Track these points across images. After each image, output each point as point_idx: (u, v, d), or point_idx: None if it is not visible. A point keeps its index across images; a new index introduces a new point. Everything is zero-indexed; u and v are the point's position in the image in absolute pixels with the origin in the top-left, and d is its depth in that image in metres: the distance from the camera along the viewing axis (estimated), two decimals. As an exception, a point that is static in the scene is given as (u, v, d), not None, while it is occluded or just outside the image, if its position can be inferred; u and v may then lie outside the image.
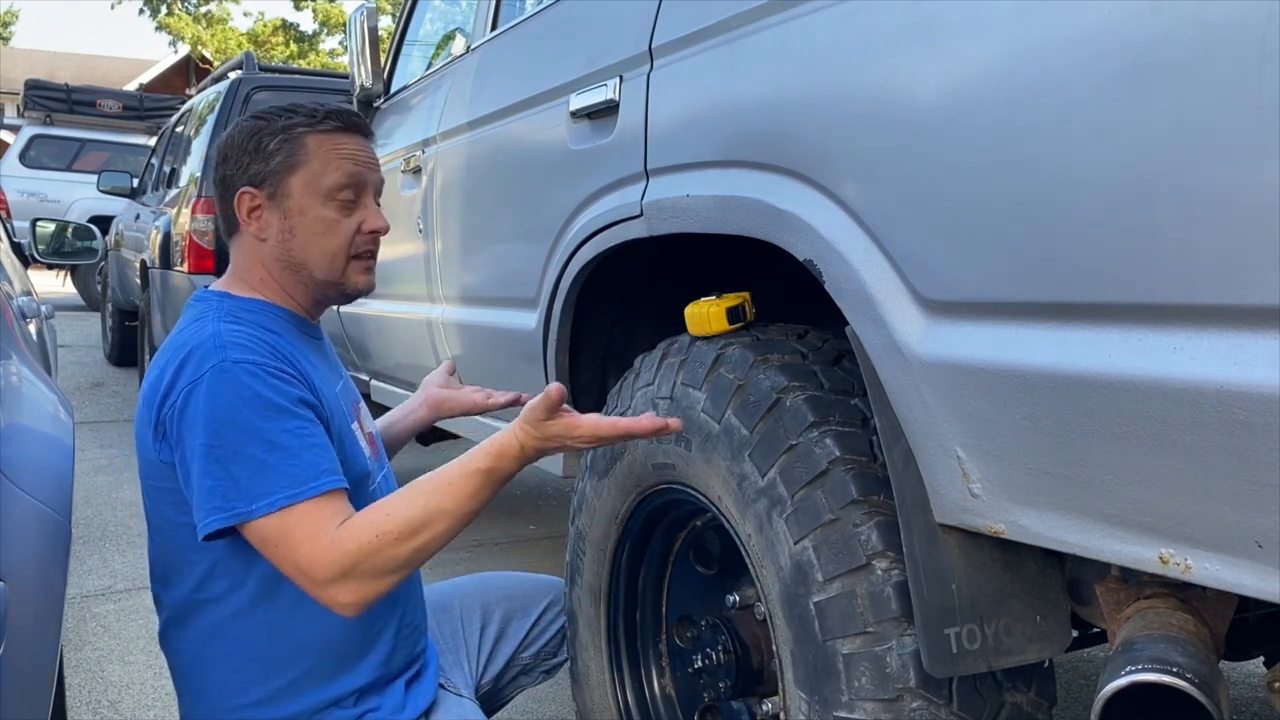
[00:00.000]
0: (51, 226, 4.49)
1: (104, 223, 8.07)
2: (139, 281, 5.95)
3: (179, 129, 6.46)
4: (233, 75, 5.55)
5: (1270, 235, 0.77)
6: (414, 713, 1.50)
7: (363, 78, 3.17)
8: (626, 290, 1.94)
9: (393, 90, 3.25)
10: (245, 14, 54.75)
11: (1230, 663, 1.57)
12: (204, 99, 6.01)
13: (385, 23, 20.46)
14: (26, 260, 4.14)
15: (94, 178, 8.75)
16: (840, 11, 1.19)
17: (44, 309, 3.13)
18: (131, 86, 18.34)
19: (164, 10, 26.80)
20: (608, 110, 1.72)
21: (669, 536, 1.69)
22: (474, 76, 2.45)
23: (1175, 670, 0.97)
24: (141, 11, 26.97)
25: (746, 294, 1.50)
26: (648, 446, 1.54)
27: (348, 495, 1.34)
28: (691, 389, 1.43)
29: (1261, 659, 1.43)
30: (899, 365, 1.12)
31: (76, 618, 2.92)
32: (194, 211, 4.90)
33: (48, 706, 1.11)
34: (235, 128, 1.48)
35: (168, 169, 6.38)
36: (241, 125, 1.47)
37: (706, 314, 1.48)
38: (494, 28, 2.43)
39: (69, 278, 11.37)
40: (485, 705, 1.71)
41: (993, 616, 1.15)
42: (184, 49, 25.15)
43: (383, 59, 3.34)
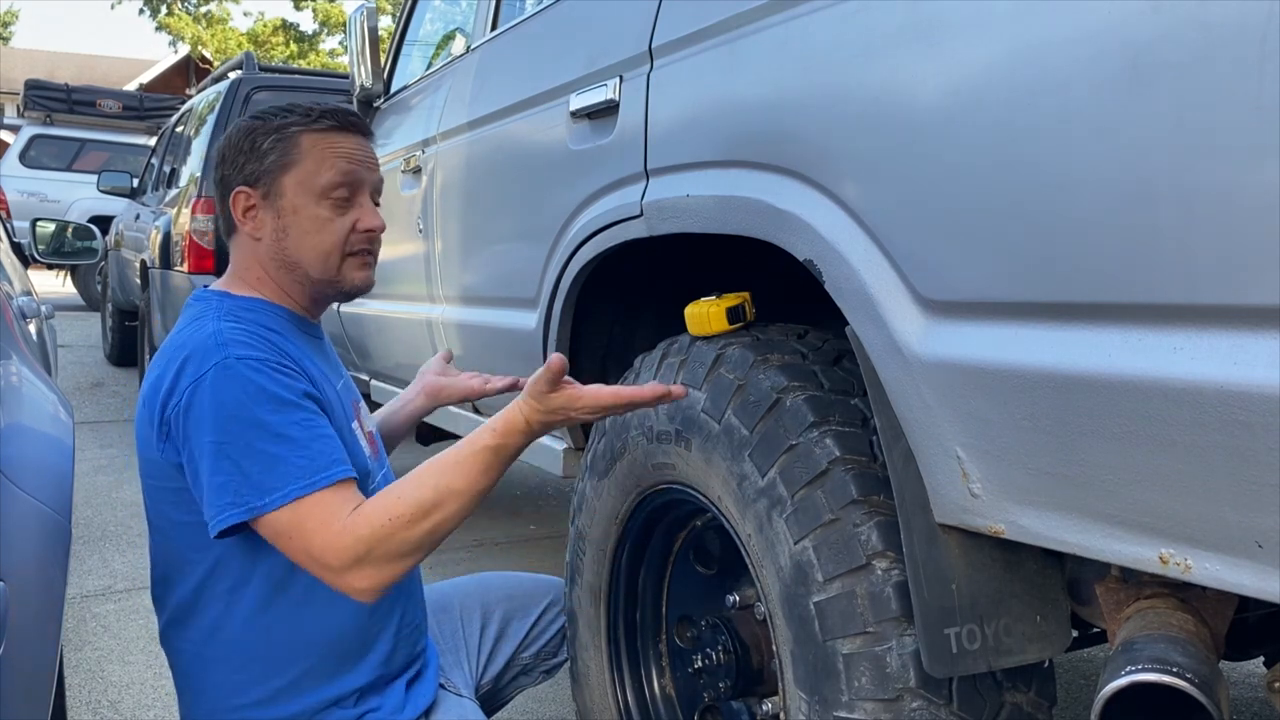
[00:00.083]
0: (51, 226, 4.49)
1: (104, 223, 8.07)
2: (139, 281, 5.96)
3: (179, 129, 6.46)
4: (233, 75, 5.55)
5: (1270, 235, 0.77)
6: (414, 713, 1.50)
7: (363, 78, 3.17)
8: (626, 290, 1.94)
9: (393, 90, 3.25)
10: (245, 14, 54.81)
11: (1230, 663, 1.57)
12: (204, 99, 6.01)
13: (385, 23, 20.46)
14: (26, 260, 4.14)
15: (94, 178, 8.75)
16: (840, 11, 1.19)
17: (44, 309, 3.13)
18: (131, 86, 18.35)
19: (164, 10, 26.81)
20: (608, 110, 1.72)
21: (669, 536, 1.69)
22: (474, 76, 2.45)
23: (1175, 670, 0.97)
24: (141, 11, 26.99)
25: (746, 294, 1.50)
26: (648, 446, 1.54)
27: (357, 485, 1.34)
28: (691, 389, 1.44)
29: (1261, 659, 1.43)
30: (899, 365, 1.12)
31: (76, 618, 2.92)
32: (194, 211, 4.90)
33: (48, 706, 1.11)
34: (233, 128, 1.48)
35: (168, 169, 6.38)
36: (239, 125, 1.48)
37: (706, 314, 1.48)
38: (494, 28, 2.43)
39: (69, 278, 11.37)
40: (485, 705, 1.71)
41: (993, 616, 1.15)
42: (184, 49, 25.16)
43: (383, 59, 3.34)
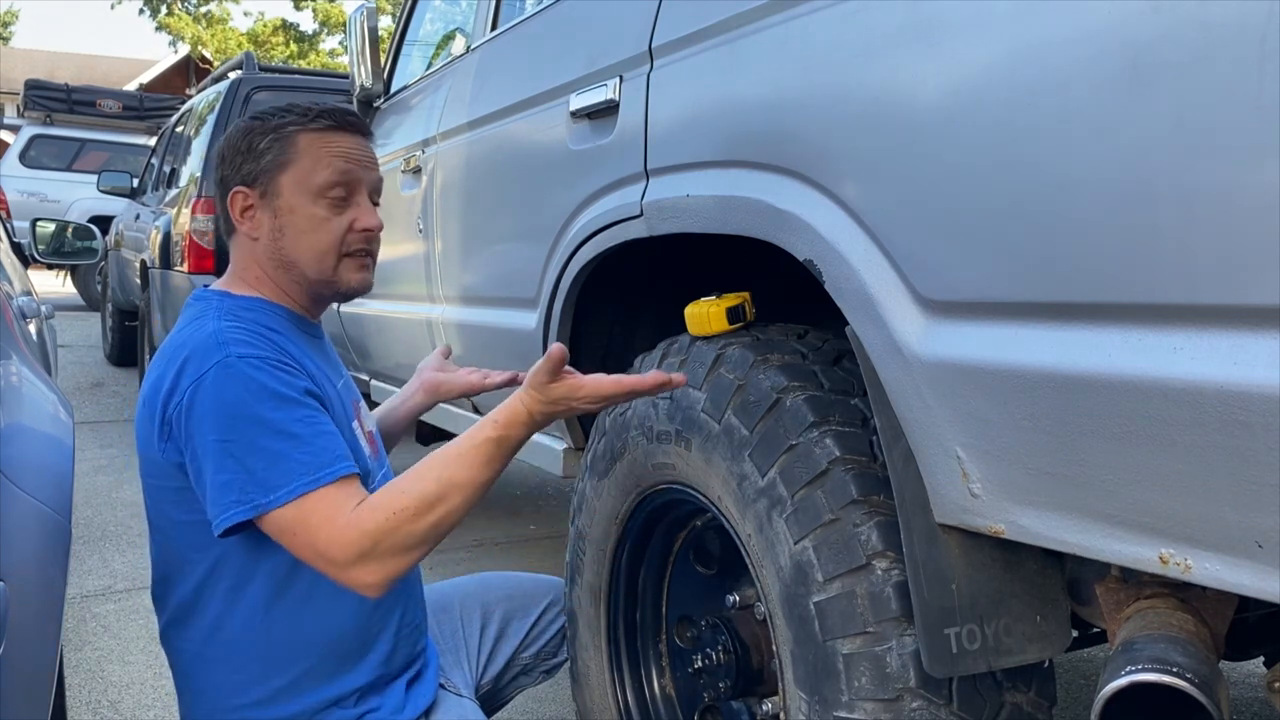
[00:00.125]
0: (51, 226, 4.49)
1: (104, 223, 8.07)
2: (139, 281, 5.96)
3: (179, 129, 6.46)
4: (233, 75, 5.55)
5: (1270, 235, 0.77)
6: (414, 713, 1.50)
7: (363, 78, 3.17)
8: (626, 290, 1.94)
9: (393, 90, 3.25)
10: (245, 14, 54.85)
11: (1230, 663, 1.57)
12: (204, 99, 6.01)
13: (385, 23, 20.46)
14: (26, 260, 4.14)
15: (94, 178, 8.75)
16: (840, 11, 1.19)
17: (44, 309, 3.13)
18: (131, 86, 18.35)
19: (164, 10, 26.81)
20: (608, 110, 1.72)
21: (669, 536, 1.69)
22: (474, 76, 2.45)
23: (1175, 670, 0.97)
24: (141, 11, 26.98)
25: (746, 294, 1.50)
26: (648, 446, 1.54)
27: (360, 480, 1.34)
28: (691, 389, 1.43)
29: (1261, 659, 1.43)
30: (899, 365, 1.12)
31: (76, 618, 2.92)
32: (194, 211, 4.90)
33: (48, 706, 1.11)
34: (232, 129, 1.48)
35: (168, 169, 6.38)
36: (238, 126, 1.48)
37: (706, 314, 1.48)
38: (494, 28, 2.43)
39: (69, 278, 11.37)
40: (485, 705, 1.71)
41: (993, 616, 1.15)
42: (184, 49, 25.16)
43: (383, 59, 3.34)
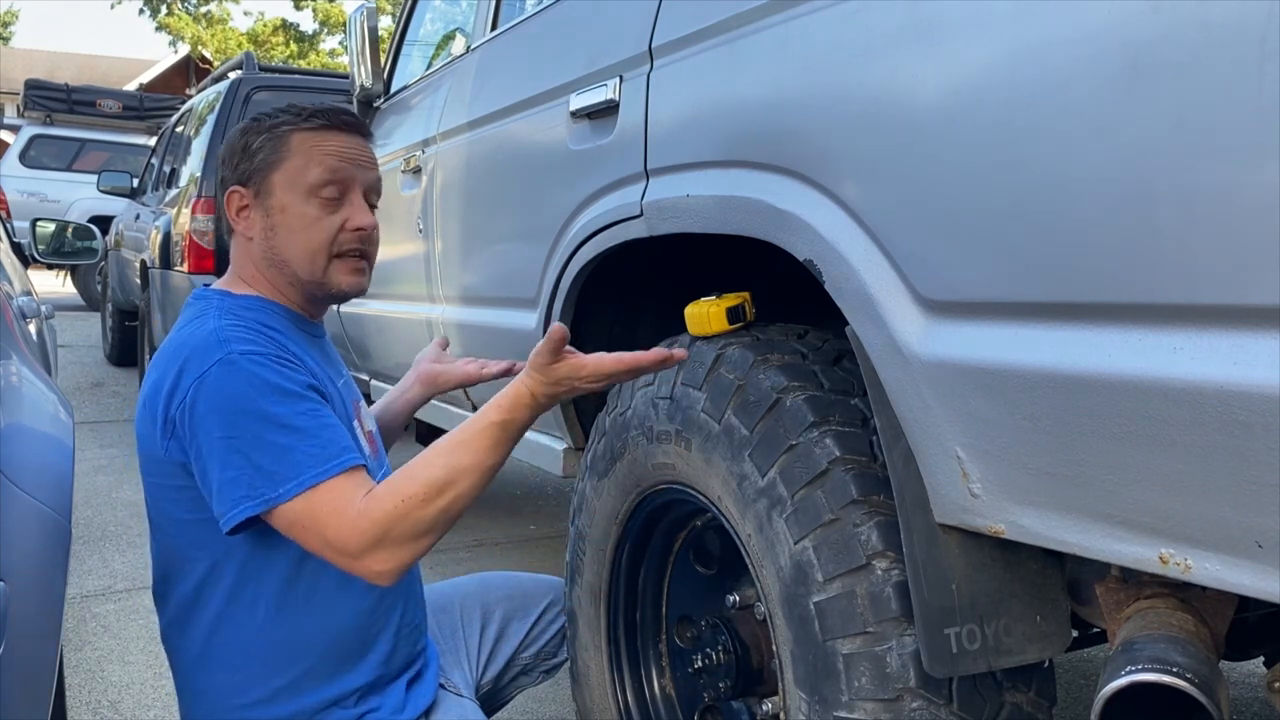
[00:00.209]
0: (51, 226, 4.49)
1: (104, 223, 8.07)
2: (139, 281, 5.96)
3: (179, 129, 6.46)
4: (233, 75, 5.56)
5: (1270, 235, 0.77)
6: (414, 713, 1.50)
7: (363, 78, 3.17)
8: (626, 290, 1.93)
9: (393, 90, 3.25)
10: (245, 14, 54.78)
11: (1230, 663, 1.57)
12: (204, 99, 6.01)
13: (385, 23, 20.47)
14: (26, 260, 4.14)
15: (94, 178, 8.75)
16: (840, 11, 1.19)
17: (44, 309, 3.13)
18: (131, 86, 18.35)
19: (164, 10, 26.81)
20: (608, 110, 1.72)
21: (669, 536, 1.69)
22: (474, 76, 2.45)
23: (1175, 670, 0.97)
24: (141, 11, 26.99)
25: (746, 294, 1.50)
26: (648, 446, 1.54)
27: (366, 471, 1.34)
28: (691, 389, 1.43)
29: (1261, 659, 1.43)
30: (899, 365, 1.12)
31: (76, 618, 2.92)
32: (194, 211, 4.91)
33: (48, 706, 1.11)
34: (232, 131, 1.49)
35: (168, 169, 6.38)
36: (237, 128, 1.49)
37: (706, 314, 1.47)
38: (494, 28, 2.43)
39: (69, 278, 11.37)
40: (485, 705, 1.71)
41: (993, 616, 1.15)
42: (184, 49, 25.16)
43: (383, 59, 3.34)
